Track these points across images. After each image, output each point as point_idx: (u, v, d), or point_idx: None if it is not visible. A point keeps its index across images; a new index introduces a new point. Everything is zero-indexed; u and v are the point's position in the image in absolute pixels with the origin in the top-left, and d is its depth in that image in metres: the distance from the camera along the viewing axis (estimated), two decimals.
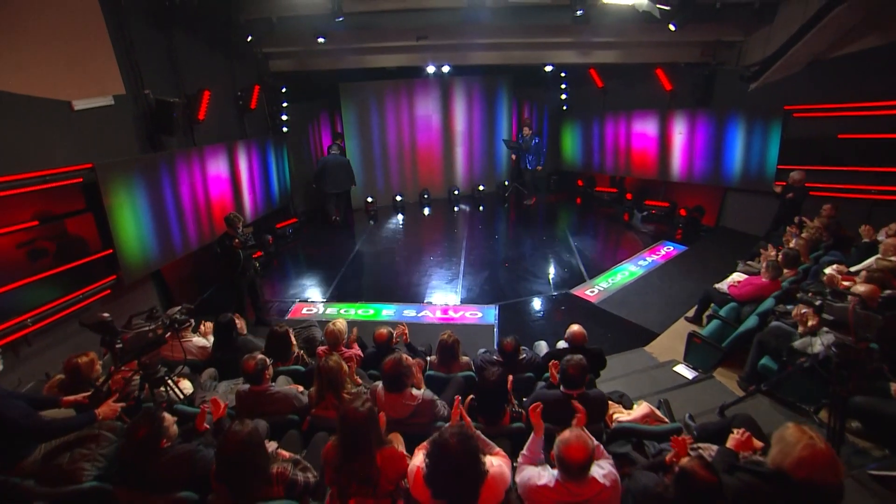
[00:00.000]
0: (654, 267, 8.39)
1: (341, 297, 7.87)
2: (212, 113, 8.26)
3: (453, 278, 8.32)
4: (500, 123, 12.58)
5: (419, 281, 8.28)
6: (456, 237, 10.28)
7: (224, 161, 8.57)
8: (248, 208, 9.39)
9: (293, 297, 8.01)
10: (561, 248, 9.40)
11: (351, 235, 10.86)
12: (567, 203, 12.71)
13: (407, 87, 11.79)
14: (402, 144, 12.18)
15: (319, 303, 7.69)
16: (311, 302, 7.72)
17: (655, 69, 10.40)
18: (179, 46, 7.59)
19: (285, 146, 11.00)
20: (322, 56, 10.34)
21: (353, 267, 9.05)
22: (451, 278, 8.32)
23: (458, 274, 8.47)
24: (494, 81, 12.28)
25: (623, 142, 11.54)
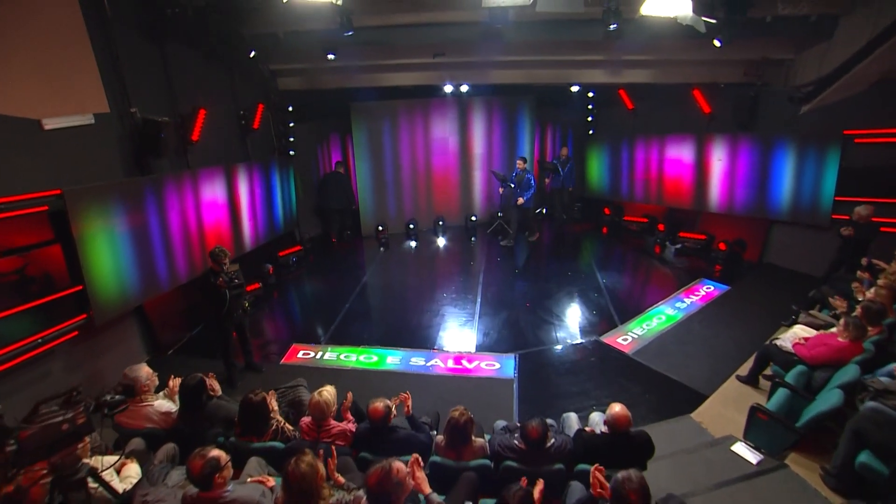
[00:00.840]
0: (694, 310, 7.42)
1: (343, 338, 7.06)
2: (209, 133, 7.68)
3: (468, 319, 7.47)
4: (522, 146, 11.82)
5: (430, 322, 7.45)
6: (472, 270, 9.45)
7: (221, 185, 7.94)
8: (248, 236, 8.74)
9: (290, 337, 7.25)
10: (588, 286, 8.50)
11: (359, 265, 10.12)
12: (593, 233, 11.81)
13: (422, 108, 11.17)
14: (416, 168, 11.50)
15: (318, 345, 6.91)
16: (309, 344, 6.94)
17: (692, 90, 9.59)
18: (174, 62, 7.04)
19: (292, 169, 10.39)
20: (332, 74, 9.77)
21: (359, 302, 8.26)
22: (466, 319, 7.47)
23: (474, 314, 7.62)
24: (516, 102, 11.58)
25: (655, 168, 10.69)
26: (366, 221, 11.45)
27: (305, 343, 6.95)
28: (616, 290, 8.33)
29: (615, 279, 8.81)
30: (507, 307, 7.83)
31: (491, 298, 8.16)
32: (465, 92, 10.62)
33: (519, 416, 5.27)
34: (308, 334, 7.30)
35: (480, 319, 7.45)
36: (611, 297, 7.98)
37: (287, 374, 6.16)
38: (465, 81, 10.14)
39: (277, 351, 6.82)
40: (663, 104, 10.70)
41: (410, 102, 11.05)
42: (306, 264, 10.20)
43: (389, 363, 6.43)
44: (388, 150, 11.18)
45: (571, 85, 10.41)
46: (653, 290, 8.56)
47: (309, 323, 7.78)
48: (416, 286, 9.03)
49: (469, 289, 8.55)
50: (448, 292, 8.47)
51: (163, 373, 6.55)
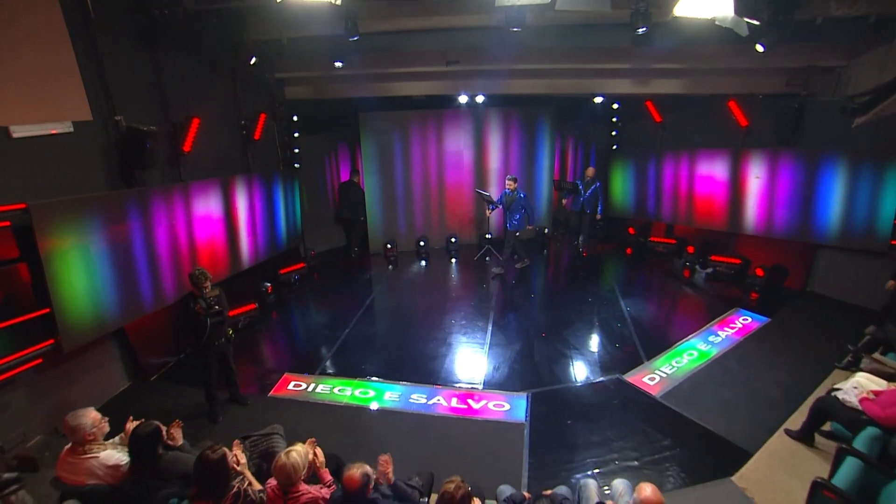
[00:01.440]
0: (730, 346, 6.62)
1: (339, 368, 6.49)
2: (206, 144, 7.26)
3: (477, 351, 6.80)
4: (541, 161, 11.23)
5: (435, 352, 6.81)
6: (485, 294, 8.81)
7: (217, 199, 7.50)
8: (247, 253, 8.26)
9: (283, 365, 6.70)
10: (610, 314, 7.76)
11: (365, 284, 9.55)
12: (616, 254, 11.05)
13: (435, 119, 10.64)
14: (428, 182, 10.95)
15: (311, 376, 6.32)
16: (302, 374, 6.36)
17: (728, 101, 8.85)
18: (168, 68, 6.63)
19: (297, 181, 9.96)
20: (341, 82, 9.34)
21: (360, 327, 7.67)
22: (475, 350, 6.81)
23: (484, 344, 6.95)
24: (535, 114, 10.98)
25: (684, 186, 9.93)
26: (374, 238, 10.91)
27: (298, 373, 6.38)
28: (641, 319, 7.57)
29: (640, 307, 8.04)
30: (520, 337, 7.14)
31: (504, 326, 7.49)
32: (480, 103, 10.06)
33: (529, 471, 4.58)
34: (302, 362, 6.73)
35: (491, 351, 6.78)
36: (635, 328, 7.23)
37: (274, 410, 5.63)
38: (480, 91, 9.58)
39: (267, 381, 6.26)
40: (694, 117, 9.98)
41: (423, 113, 10.54)
42: (310, 283, 9.68)
43: (387, 399, 5.81)
44: (399, 163, 10.66)
45: (595, 96, 9.75)
46: (682, 320, 7.76)
47: (304, 349, 7.20)
48: (422, 310, 8.41)
49: (480, 315, 7.90)
50: (457, 318, 7.83)
51: (145, 400, 6.20)
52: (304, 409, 5.67)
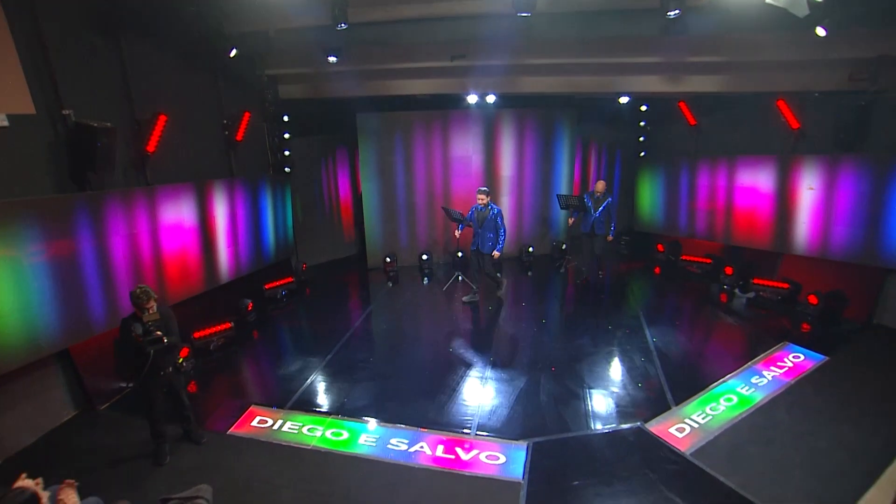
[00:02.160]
0: (779, 390, 5.59)
1: (313, 403, 5.73)
2: (179, 144, 6.73)
3: (474, 386, 5.95)
4: (559, 169, 10.40)
5: (426, 386, 5.97)
6: (489, 317, 7.97)
7: (190, 205, 6.92)
8: (226, 265, 7.66)
9: (251, 395, 5.99)
10: (633, 345, 6.81)
11: (359, 303, 8.83)
12: (643, 274, 10.07)
13: (441, 121, 9.93)
14: (432, 191, 10.22)
15: (281, 410, 5.57)
16: (270, 407, 5.62)
17: (776, 101, 7.85)
18: (135, 60, 6.09)
19: (289, 187, 9.38)
20: (338, 80, 8.69)
21: (345, 353, 6.90)
22: (471, 385, 5.96)
23: (483, 379, 6.10)
24: (552, 116, 10.18)
25: (722, 197, 8.97)
26: (373, 251, 10.21)
27: (266, 406, 5.64)
28: (670, 353, 6.58)
29: (669, 338, 7.05)
30: (525, 371, 6.25)
31: (507, 357, 6.63)
32: (491, 103, 9.30)
33: None
34: (272, 394, 6.01)
35: (489, 387, 5.91)
36: (662, 364, 6.26)
37: (231, 450, 4.93)
38: (490, 90, 8.82)
39: (231, 414, 5.52)
40: (735, 119, 9.03)
41: (427, 114, 9.86)
42: (300, 299, 9.04)
43: (363, 443, 5.00)
44: (401, 169, 9.97)
45: (619, 95, 8.88)
46: (719, 356, 6.74)
47: (278, 378, 6.46)
48: (418, 335, 7.62)
49: (482, 342, 7.06)
50: (456, 345, 7.00)
51: (88, 433, 5.52)
52: (264, 451, 4.92)
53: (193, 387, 6.20)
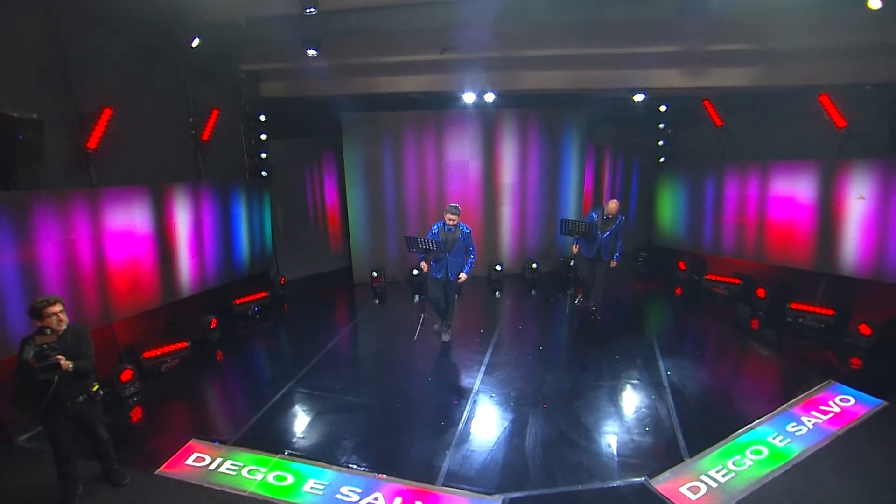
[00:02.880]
0: (823, 442, 4.62)
1: (258, 439, 5.00)
2: (133, 142, 6.27)
3: (449, 425, 5.16)
4: (567, 176, 9.65)
5: (394, 422, 5.24)
6: (481, 341, 7.16)
7: (144, 210, 6.39)
8: (188, 278, 7.14)
9: (193, 427, 5.32)
10: (643, 380, 5.92)
11: (339, 322, 8.17)
12: (661, 296, 9.17)
13: (435, 121, 9.31)
14: (425, 199, 9.55)
15: (222, 446, 4.88)
16: (211, 443, 4.95)
17: (818, 96, 7.00)
18: (78, 46, 5.61)
19: (267, 193, 8.86)
20: (321, 77, 8.14)
21: (310, 380, 6.17)
22: (446, 424, 5.17)
23: (461, 416, 5.30)
24: (560, 117, 9.47)
25: (754, 209, 8.11)
26: (359, 265, 9.58)
27: (207, 441, 4.95)
28: (687, 390, 5.66)
29: (687, 371, 6.12)
30: (512, 407, 5.43)
31: (494, 389, 5.80)
32: (490, 102, 8.62)
33: None
34: (217, 426, 5.39)
35: (467, 426, 5.12)
36: (677, 403, 5.35)
37: (156, 495, 4.28)
38: (488, 87, 8.15)
39: (168, 448, 4.86)
40: (769, 118, 8.22)
41: (420, 114, 9.25)
42: (276, 315, 8.44)
43: (308, 491, 4.29)
44: (390, 175, 9.37)
45: (633, 92, 8.08)
46: (747, 395, 5.77)
47: (229, 406, 5.84)
48: (395, 360, 6.82)
49: (468, 370, 6.26)
50: (437, 374, 6.25)
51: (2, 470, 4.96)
52: (193, 497, 4.24)
53: (137, 414, 5.62)
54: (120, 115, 5.92)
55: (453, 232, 6.39)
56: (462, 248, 6.45)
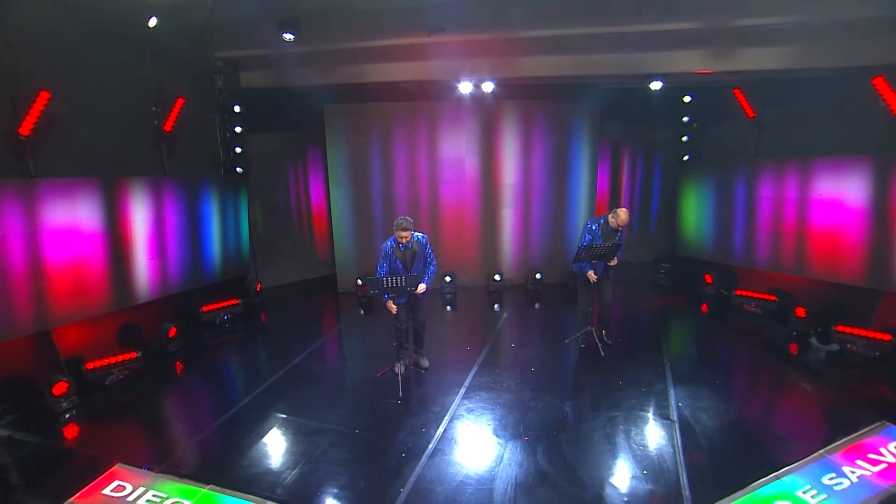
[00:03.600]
0: (870, 501, 3.83)
1: (191, 466, 4.52)
2: (82, 131, 5.93)
3: (411, 458, 4.50)
4: (577, 176, 8.96)
5: (347, 450, 4.65)
6: (465, 358, 6.51)
7: (93, 206, 6.01)
8: (147, 282, 6.75)
9: (122, 449, 4.83)
10: (648, 411, 5.15)
11: (315, 334, 7.61)
12: (684, 313, 8.33)
13: (427, 114, 8.75)
14: (416, 200, 9.01)
15: (149, 473, 4.39)
16: (138, 468, 4.46)
17: (871, 78, 6.15)
18: (19, 22, 5.30)
19: (244, 191, 8.46)
20: (303, 65, 7.79)
21: (267, 398, 5.65)
22: (409, 457, 4.51)
23: (426, 448, 4.63)
24: (568, 110, 8.81)
25: (793, 213, 7.25)
26: (344, 272, 9.05)
27: (134, 465, 4.46)
28: (700, 426, 4.83)
29: (702, 402, 5.27)
30: (489, 437, 4.75)
31: (471, 415, 5.12)
32: (489, 93, 7.98)
33: None
34: (151, 447, 4.89)
35: (432, 459, 4.46)
36: (685, 443, 4.55)
37: None
38: (485, 75, 7.55)
39: (88, 474, 4.39)
40: (811, 107, 7.42)
41: (411, 107, 8.71)
42: (250, 325, 7.99)
43: None
44: (377, 174, 8.85)
45: (650, 80, 7.34)
46: (776, 435, 4.90)
47: (166, 428, 5.33)
48: (365, 379, 6.24)
49: (445, 393, 5.60)
50: (409, 395, 5.60)
51: None
52: None
53: (67, 432, 5.19)
54: (64, 101, 5.59)
55: (410, 248, 5.60)
56: (423, 259, 5.70)
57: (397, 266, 5.57)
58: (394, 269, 5.60)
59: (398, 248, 5.56)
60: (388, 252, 5.58)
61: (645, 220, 10.14)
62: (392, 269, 5.60)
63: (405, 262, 5.57)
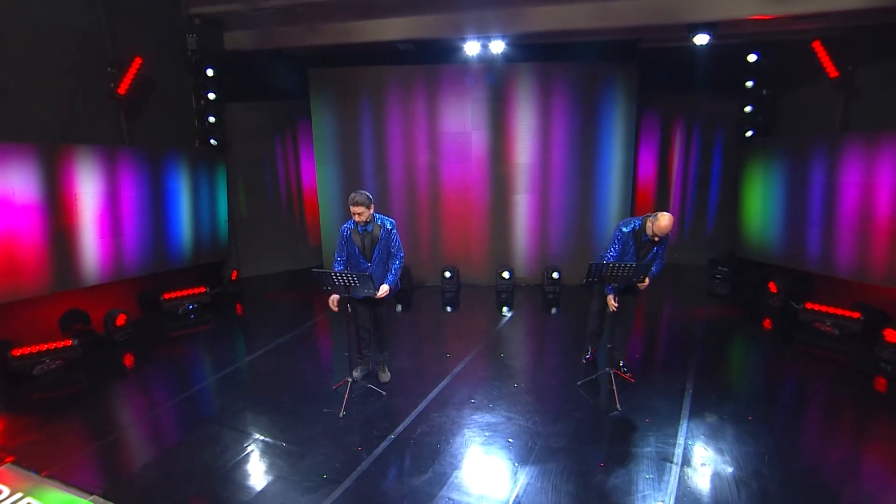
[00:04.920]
0: None
1: (83, 473, 4.28)
2: (18, 92, 5.75)
3: (333, 480, 3.93)
4: (607, 154, 8.03)
5: (264, 466, 4.21)
6: (439, 367, 5.84)
7: (28, 175, 5.85)
8: (96, 263, 6.61)
9: (16, 449, 4.63)
10: (646, 448, 4.23)
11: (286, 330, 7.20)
12: (736, 327, 7.21)
13: (427, 80, 8.08)
14: (413, 181, 8.41)
15: (35, 477, 4.14)
16: (27, 471, 4.22)
17: None
18: None
19: (222, 168, 8.21)
20: (290, 24, 7.43)
21: (187, 403, 5.37)
22: (331, 478, 3.95)
23: (353, 472, 4.02)
24: (598, 73, 7.85)
25: (887, 205, 5.99)
26: (329, 262, 8.53)
27: (25, 467, 4.24)
28: (709, 475, 3.88)
29: (724, 442, 4.29)
30: (432, 464, 4.08)
31: (423, 436, 4.48)
32: (499, 54, 7.21)
33: None
34: (48, 449, 4.59)
35: (356, 485, 3.85)
36: (682, 494, 3.65)
37: None
38: (495, 31, 6.84)
39: None
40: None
41: (408, 71, 8.10)
42: (221, 316, 7.76)
43: None
44: (369, 149, 8.31)
45: (693, 30, 6.31)
46: (827, 493, 3.95)
47: (77, 427, 5.06)
48: (316, 383, 5.71)
49: (401, 406, 4.98)
50: (357, 410, 5.02)
51: None
52: None
53: None
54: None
55: (370, 231, 4.96)
56: (385, 250, 5.04)
57: (354, 252, 5.00)
58: (350, 256, 5.06)
59: (356, 231, 4.97)
60: (346, 235, 5.02)
61: (701, 214, 8.88)
62: (349, 256, 5.06)
63: (363, 250, 4.98)
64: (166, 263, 7.49)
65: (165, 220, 7.42)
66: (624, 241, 5.00)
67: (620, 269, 4.67)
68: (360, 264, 5.02)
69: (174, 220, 7.54)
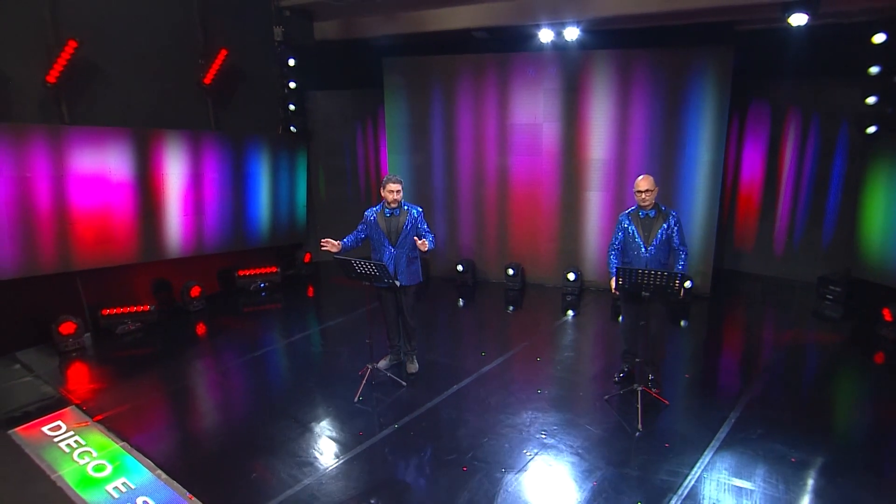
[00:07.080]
0: None
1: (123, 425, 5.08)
2: (116, 82, 6.90)
3: (307, 465, 4.32)
4: (693, 151, 7.52)
5: (247, 443, 4.72)
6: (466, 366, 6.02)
7: (123, 156, 6.96)
8: (179, 238, 7.72)
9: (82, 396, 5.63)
10: (650, 477, 4.04)
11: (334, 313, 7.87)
12: (840, 357, 6.48)
13: (498, 68, 8.12)
14: (482, 174, 8.53)
15: (88, 421, 5.14)
16: (83, 416, 5.22)
17: None
18: None
19: (303, 152, 9.00)
20: (371, 14, 8.00)
21: (224, 376, 6.21)
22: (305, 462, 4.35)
23: (326, 467, 4.37)
24: (684, 61, 7.40)
25: None
26: None
27: (85, 412, 5.27)
28: None
29: (751, 479, 3.95)
30: (410, 468, 4.33)
31: (416, 438, 4.72)
32: (573, 41, 7.10)
33: None
34: (107, 399, 5.54)
35: (321, 484, 4.17)
36: None
37: None
38: (571, 18, 6.79)
39: (36, 411, 5.31)
40: None
41: (479, 60, 8.22)
42: (292, 296, 8.59)
43: (107, 491, 4.20)
44: (438, 138, 8.58)
45: (787, 11, 5.69)
46: None
47: (133, 384, 5.97)
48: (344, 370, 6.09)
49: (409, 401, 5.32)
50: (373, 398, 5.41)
51: None
52: None
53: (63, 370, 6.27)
54: (96, 49, 6.51)
55: (397, 216, 5.29)
56: (410, 238, 5.31)
57: (380, 237, 5.36)
58: (374, 241, 5.42)
59: (382, 215, 5.35)
60: (371, 220, 5.41)
61: (815, 223, 7.78)
62: (374, 241, 5.43)
63: (388, 233, 5.32)
64: (244, 242, 8.41)
65: (245, 202, 8.33)
66: (623, 227, 5.05)
67: (652, 276, 4.53)
68: (385, 248, 5.35)
69: (253, 201, 8.43)
